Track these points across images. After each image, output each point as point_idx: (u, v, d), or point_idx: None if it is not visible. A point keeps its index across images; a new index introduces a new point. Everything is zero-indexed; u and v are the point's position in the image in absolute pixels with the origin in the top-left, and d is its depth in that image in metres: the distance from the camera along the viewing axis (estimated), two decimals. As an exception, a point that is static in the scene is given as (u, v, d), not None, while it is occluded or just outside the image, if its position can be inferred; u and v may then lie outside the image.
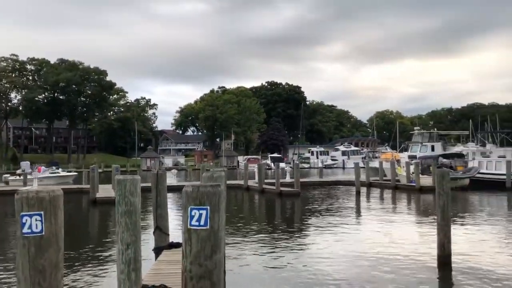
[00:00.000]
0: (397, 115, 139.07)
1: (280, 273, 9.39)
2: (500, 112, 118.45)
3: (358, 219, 17.71)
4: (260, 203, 24.96)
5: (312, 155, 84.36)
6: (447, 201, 9.62)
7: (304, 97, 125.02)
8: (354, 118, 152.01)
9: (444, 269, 9.29)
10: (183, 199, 3.42)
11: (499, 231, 14.35)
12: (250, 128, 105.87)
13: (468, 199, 24.43)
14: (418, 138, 49.25)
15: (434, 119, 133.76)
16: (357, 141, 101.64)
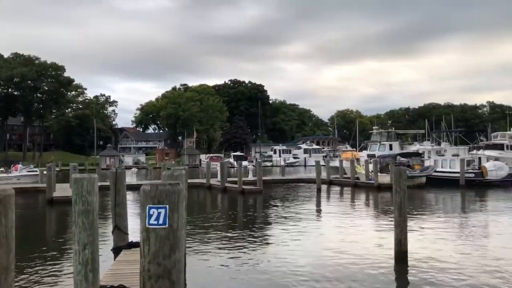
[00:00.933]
0: (357, 114, 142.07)
1: (242, 271, 9.40)
2: (455, 112, 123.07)
3: (318, 216, 17.97)
4: (223, 202, 24.90)
5: (275, 154, 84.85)
6: (404, 198, 9.90)
7: (267, 95, 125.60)
8: (316, 117, 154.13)
9: (401, 264, 9.56)
10: (141, 197, 3.36)
11: (454, 227, 14.91)
12: (213, 127, 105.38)
13: (424, 197, 25.26)
14: (376, 137, 50.48)
15: (392, 119, 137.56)
16: (319, 139, 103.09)
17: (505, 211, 18.97)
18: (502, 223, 15.60)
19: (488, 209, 19.95)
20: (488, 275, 8.79)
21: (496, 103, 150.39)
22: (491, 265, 9.58)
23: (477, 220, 16.40)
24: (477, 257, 10.37)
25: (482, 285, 8.17)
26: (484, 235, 13.55)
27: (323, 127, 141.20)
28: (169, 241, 3.31)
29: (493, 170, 30.77)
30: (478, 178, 30.56)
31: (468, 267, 9.42)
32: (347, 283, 8.42)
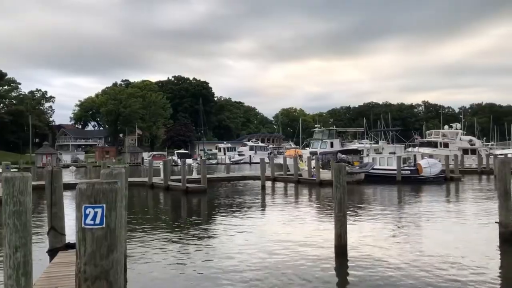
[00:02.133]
0: (300, 112, 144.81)
1: (185, 270, 9.32)
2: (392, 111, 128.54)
3: (262, 213, 18.16)
4: (166, 200, 24.52)
5: (220, 151, 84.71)
6: (344, 194, 10.22)
7: (211, 92, 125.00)
8: (261, 115, 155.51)
9: (341, 258, 9.87)
10: (77, 197, 3.24)
11: (391, 221, 15.59)
12: (156, 124, 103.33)
13: (363, 192, 26.19)
14: (319, 135, 51.77)
15: (334, 117, 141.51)
16: (264, 137, 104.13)
17: (438, 205, 20.06)
18: (436, 217, 16.49)
19: (422, 203, 21.01)
20: (422, 265, 9.27)
21: (430, 103, 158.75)
22: (425, 255, 10.11)
23: (413, 214, 17.24)
24: (412, 249, 10.89)
25: (417, 276, 8.60)
26: (419, 228, 14.26)
27: (268, 125, 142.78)
28: (107, 241, 3.22)
29: (427, 167, 32.45)
30: (413, 174, 32.11)
31: (404, 259, 9.88)
32: (289, 277, 8.58)
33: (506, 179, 11.60)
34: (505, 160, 12.66)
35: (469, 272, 8.84)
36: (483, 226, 14.07)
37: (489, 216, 15.29)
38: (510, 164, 12.19)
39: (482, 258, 9.94)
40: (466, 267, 9.15)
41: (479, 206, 19.44)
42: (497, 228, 11.68)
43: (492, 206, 17.32)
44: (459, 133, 55.01)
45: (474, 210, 18.25)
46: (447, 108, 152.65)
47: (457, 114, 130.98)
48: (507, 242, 11.23)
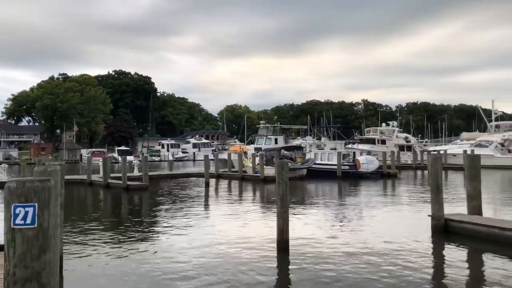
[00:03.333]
0: (245, 109, 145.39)
1: (125, 271, 9.07)
2: (334, 108, 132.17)
3: (206, 210, 18.06)
4: (105, 199, 23.78)
5: (163, 148, 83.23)
6: (286, 189, 10.37)
7: (154, 88, 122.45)
8: (206, 111, 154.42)
9: (283, 254, 10.01)
10: (5, 195, 3.06)
11: (331, 215, 16.03)
12: (95, 119, 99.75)
13: (305, 188, 26.76)
14: (263, 131, 52.28)
15: (278, 114, 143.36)
16: (208, 134, 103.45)
17: (375, 200, 20.87)
18: (373, 211, 17.15)
19: (361, 198, 21.78)
20: (360, 258, 9.60)
21: (369, 101, 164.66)
22: (364, 248, 10.48)
23: (352, 208, 17.82)
24: (351, 243, 11.25)
25: (356, 268, 8.90)
26: (358, 222, 14.76)
27: (212, 122, 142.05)
28: (38, 241, 3.07)
29: (365, 163, 33.65)
30: (352, 170, 33.21)
31: (343, 252, 10.18)
32: (232, 273, 8.60)
33: (438, 174, 12.27)
34: (437, 156, 13.40)
35: (404, 263, 9.27)
36: (417, 219, 14.80)
37: (423, 210, 16.09)
38: (442, 160, 12.91)
39: (416, 249, 10.45)
40: (401, 259, 9.58)
41: (413, 200, 20.43)
42: (430, 220, 12.34)
43: (426, 200, 18.27)
44: (395, 131, 57.51)
45: (409, 204, 19.16)
46: (385, 107, 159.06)
47: (394, 112, 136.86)
48: (438, 234, 11.90)
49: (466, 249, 10.72)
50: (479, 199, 12.86)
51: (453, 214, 12.79)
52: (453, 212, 13.53)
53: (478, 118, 68.41)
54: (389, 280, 8.13)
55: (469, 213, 12.70)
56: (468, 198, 12.93)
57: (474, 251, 10.50)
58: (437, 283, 8.24)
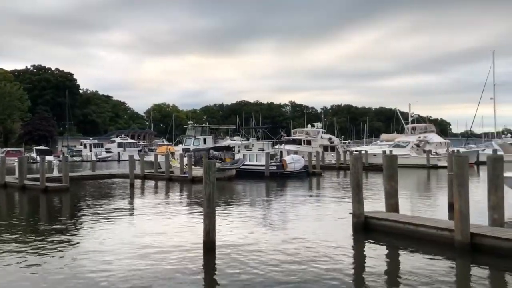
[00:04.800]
0: (173, 108, 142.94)
1: (43, 277, 8.51)
2: (263, 109, 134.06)
3: (130, 212, 17.49)
4: (21, 202, 22.27)
5: (85, 148, 79.54)
6: (213, 190, 10.29)
7: (76, 85, 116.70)
8: (131, 110, 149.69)
9: (209, 255, 9.93)
10: None
11: (258, 215, 16.17)
12: (11, 117, 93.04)
13: (234, 188, 26.83)
14: (191, 131, 51.69)
15: (207, 114, 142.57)
16: (134, 133, 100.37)
17: (301, 198, 21.40)
18: (299, 209, 17.56)
19: (287, 197, 22.25)
20: (285, 256, 9.76)
21: (297, 103, 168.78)
22: (289, 246, 10.68)
23: (279, 207, 18.14)
24: (277, 242, 11.41)
25: (281, 266, 9.03)
26: (285, 221, 15.03)
27: (138, 121, 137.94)
28: None
29: (292, 162, 34.46)
30: (279, 170, 33.84)
31: (268, 252, 10.30)
32: (157, 275, 8.39)
33: (358, 174, 12.81)
34: (357, 156, 13.98)
35: (325, 260, 9.56)
36: (339, 216, 15.35)
37: (345, 208, 16.72)
38: (363, 160, 13.49)
39: (337, 247, 10.83)
40: (323, 256, 9.88)
41: (336, 199, 21.21)
42: (351, 218, 12.85)
43: (348, 198, 19.01)
44: (320, 132, 59.40)
45: (332, 202, 19.87)
46: (311, 108, 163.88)
47: (320, 114, 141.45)
48: (359, 231, 12.42)
49: (384, 245, 11.28)
50: (396, 197, 13.59)
51: (373, 212, 13.42)
52: (373, 209, 14.20)
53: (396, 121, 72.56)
54: (311, 277, 8.34)
55: (387, 211, 13.38)
56: (386, 196, 13.62)
57: (391, 247, 11.07)
58: (356, 278, 8.59)
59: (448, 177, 16.29)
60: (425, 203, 19.41)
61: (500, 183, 11.18)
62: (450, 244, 10.19)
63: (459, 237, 9.98)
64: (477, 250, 9.79)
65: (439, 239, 10.72)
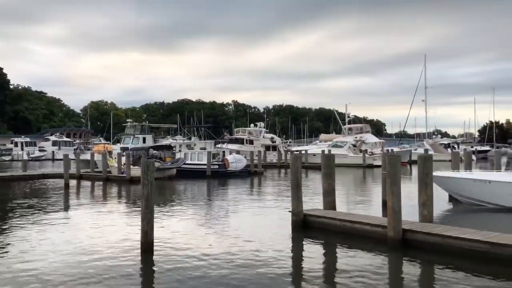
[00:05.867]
0: (111, 106, 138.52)
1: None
2: (205, 108, 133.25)
3: (65, 214, 16.71)
4: None
5: (16, 146, 75.17)
6: (151, 190, 10.06)
7: (6, 80, 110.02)
8: (67, 107, 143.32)
9: (147, 256, 9.71)
10: None
11: (198, 215, 16.02)
12: None
13: (175, 188, 26.43)
14: (130, 130, 50.40)
15: (147, 112, 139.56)
16: (70, 131, 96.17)
17: (242, 197, 21.47)
18: (240, 208, 17.62)
19: (229, 196, 22.21)
20: (225, 255, 9.73)
21: (239, 102, 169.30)
22: (229, 245, 10.66)
23: (219, 207, 18.08)
24: (217, 240, 11.37)
25: (221, 265, 8.98)
26: (224, 220, 14.99)
27: (74, 118, 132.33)
28: None
29: (234, 162, 34.52)
30: (221, 169, 33.78)
31: (209, 250, 10.22)
32: (94, 277, 8.08)
33: (297, 173, 13.04)
34: (297, 155, 14.24)
35: (264, 258, 9.64)
36: (279, 215, 15.56)
37: (285, 206, 16.96)
38: (302, 159, 13.75)
39: (276, 245, 10.94)
40: (261, 255, 9.95)
41: (277, 197, 21.49)
42: (290, 216, 13.05)
43: (288, 197, 19.30)
44: (262, 131, 60.05)
45: (272, 201, 20.09)
46: (253, 108, 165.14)
47: (262, 114, 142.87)
48: (298, 229, 12.64)
49: (321, 242, 11.55)
50: (333, 195, 13.98)
51: (311, 210, 13.72)
52: (312, 207, 14.51)
53: (334, 121, 74.77)
54: (249, 276, 8.37)
55: (325, 208, 13.73)
56: (324, 194, 13.97)
57: (328, 244, 11.36)
58: (294, 276, 8.72)
59: (382, 175, 16.97)
60: (361, 201, 20.11)
61: (429, 181, 11.79)
62: (383, 240, 10.61)
63: (391, 233, 10.42)
64: (409, 245, 10.27)
65: (373, 235, 11.14)
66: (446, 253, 9.59)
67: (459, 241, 9.54)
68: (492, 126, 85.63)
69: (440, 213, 15.52)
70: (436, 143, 66.82)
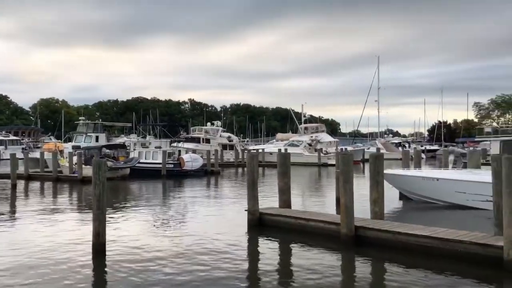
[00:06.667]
0: (63, 104, 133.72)
1: None
2: (161, 106, 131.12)
3: (11, 216, 15.98)
4: None
5: (-42, 146, 71.15)
6: (103, 190, 9.79)
7: None
8: (15, 104, 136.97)
9: (99, 257, 9.46)
10: None
11: (152, 215, 15.74)
12: None
13: (128, 188, 25.88)
14: (83, 128, 48.93)
15: (100, 110, 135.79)
16: (18, 130, 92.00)
17: (198, 197, 21.29)
18: (196, 208, 17.47)
19: (184, 196, 21.97)
20: (180, 255, 9.62)
21: (196, 101, 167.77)
22: (184, 244, 10.55)
23: (174, 207, 17.85)
24: (172, 240, 11.22)
25: (175, 265, 8.87)
26: (180, 220, 14.83)
27: (23, 116, 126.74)
28: None
29: (189, 161, 34.17)
30: (176, 168, 33.36)
31: (163, 251, 10.08)
32: (45, 280, 7.78)
33: (254, 171, 13.07)
34: (253, 154, 14.29)
35: (220, 258, 9.61)
36: (236, 214, 15.57)
37: (242, 205, 16.96)
38: (259, 158, 13.80)
39: (232, 244, 10.93)
40: (217, 254, 9.91)
41: (233, 196, 21.47)
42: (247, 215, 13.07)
43: (244, 196, 19.33)
44: (219, 130, 59.84)
45: (229, 200, 20.06)
46: (210, 107, 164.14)
47: (219, 112, 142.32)
48: (254, 227, 12.68)
49: (276, 240, 11.64)
50: (289, 193, 14.12)
51: (267, 208, 13.80)
52: (268, 206, 14.60)
53: (291, 120, 75.62)
54: (205, 276, 8.32)
55: (280, 207, 13.84)
56: (280, 193, 14.09)
57: (284, 242, 11.46)
58: (249, 275, 8.75)
59: (336, 174, 17.31)
60: (316, 199, 20.45)
61: (380, 179, 12.13)
62: (337, 237, 10.83)
63: (344, 230, 10.65)
64: (361, 241, 10.53)
65: (327, 232, 11.34)
66: (396, 249, 9.90)
67: (409, 237, 9.88)
68: (440, 125, 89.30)
69: (391, 210, 16.00)
70: (388, 142, 68.95)
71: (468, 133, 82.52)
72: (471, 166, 19.75)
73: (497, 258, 8.40)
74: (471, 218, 14.46)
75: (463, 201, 16.01)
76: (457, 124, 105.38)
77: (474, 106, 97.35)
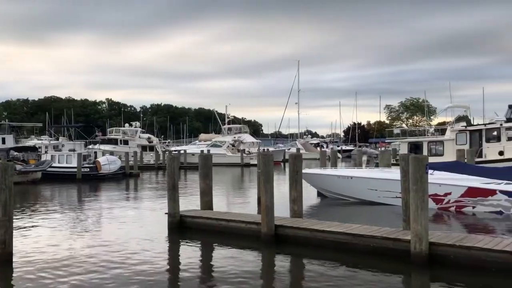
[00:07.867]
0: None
1: None
2: (76, 106, 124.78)
3: None
4: None
5: None
6: (10, 196, 9.10)
7: None
8: None
9: (6, 267, 8.78)
10: None
11: (66, 222, 14.89)
12: None
13: (40, 193, 24.35)
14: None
15: (8, 110, 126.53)
16: None
17: (116, 201, 20.53)
18: (114, 212, 16.84)
19: (101, 201, 21.06)
20: (96, 262, 9.18)
21: (114, 101, 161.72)
22: (100, 251, 10.08)
23: (91, 212, 17.04)
24: (87, 247, 10.67)
25: (90, 273, 8.45)
26: (96, 226, 14.21)
27: None
28: None
29: (107, 164, 32.86)
30: (93, 172, 31.93)
31: (77, 260, 9.55)
32: None
33: (174, 173, 12.85)
34: (174, 156, 14.05)
35: (139, 263, 9.31)
36: (156, 217, 15.22)
37: (162, 208, 16.60)
38: (180, 159, 13.59)
39: (152, 248, 10.67)
40: (137, 259, 9.60)
41: (153, 199, 20.97)
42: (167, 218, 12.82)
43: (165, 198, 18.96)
44: (138, 131, 58.19)
45: (149, 203, 19.57)
46: (129, 107, 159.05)
47: (139, 113, 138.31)
48: (174, 230, 12.46)
49: (198, 242, 11.54)
50: (210, 194, 14.06)
51: (188, 210, 13.64)
52: (190, 208, 14.43)
53: (214, 121, 75.49)
54: (124, 283, 8.02)
55: (202, 208, 13.75)
56: (201, 194, 13.99)
57: (205, 244, 11.39)
58: (169, 278, 8.58)
59: (257, 174, 17.56)
60: (238, 199, 20.59)
61: (299, 179, 12.50)
62: (258, 236, 10.97)
63: (265, 229, 10.82)
64: (281, 240, 10.75)
65: (248, 232, 11.44)
66: (314, 246, 10.24)
67: (325, 234, 10.26)
68: (355, 127, 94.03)
69: (310, 208, 16.56)
70: (307, 143, 71.39)
71: (381, 134, 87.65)
72: (382, 165, 21.03)
73: (405, 252, 8.98)
74: (382, 213, 15.35)
75: (374, 197, 16.97)
76: (370, 125, 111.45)
77: (386, 108, 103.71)
